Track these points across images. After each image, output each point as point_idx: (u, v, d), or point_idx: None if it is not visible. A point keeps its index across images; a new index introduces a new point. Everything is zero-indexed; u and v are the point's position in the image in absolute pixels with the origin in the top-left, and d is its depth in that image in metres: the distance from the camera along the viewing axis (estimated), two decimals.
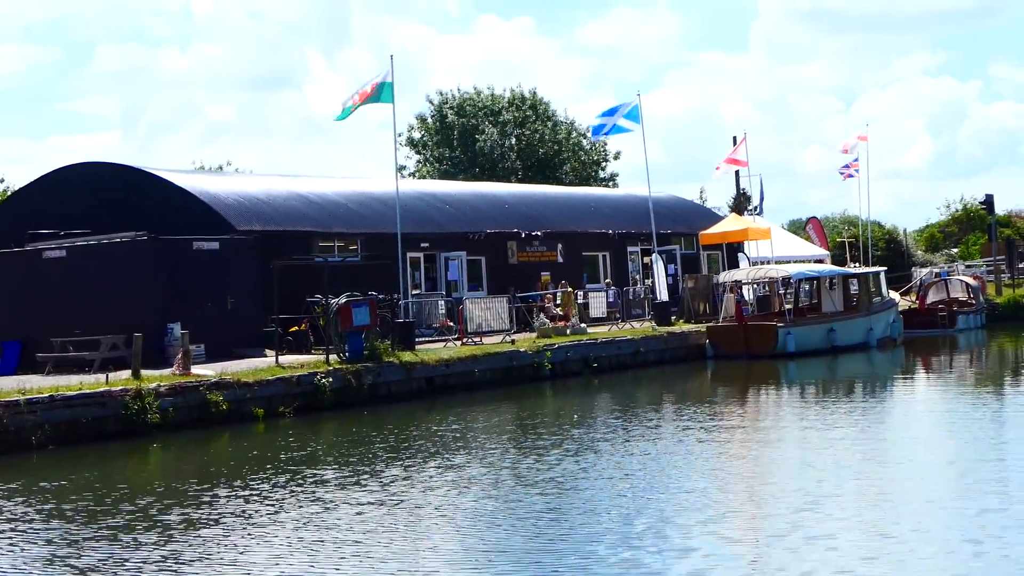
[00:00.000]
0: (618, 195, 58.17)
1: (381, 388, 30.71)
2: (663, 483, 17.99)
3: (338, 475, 19.90)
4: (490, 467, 20.04)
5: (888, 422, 24.93)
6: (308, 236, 37.82)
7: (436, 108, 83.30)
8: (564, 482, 18.32)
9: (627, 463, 19.88)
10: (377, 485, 18.64)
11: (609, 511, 16.04)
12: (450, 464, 20.61)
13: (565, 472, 19.12)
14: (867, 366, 38.96)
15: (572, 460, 20.34)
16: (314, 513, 16.66)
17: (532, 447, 22.25)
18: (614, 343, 37.89)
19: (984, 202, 62.76)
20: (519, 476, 18.97)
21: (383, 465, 20.68)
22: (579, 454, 21.02)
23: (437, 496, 17.57)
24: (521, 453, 21.51)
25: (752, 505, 16.47)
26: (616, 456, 20.69)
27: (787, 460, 20.18)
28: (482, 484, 18.42)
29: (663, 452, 21.14)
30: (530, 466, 19.88)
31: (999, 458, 19.39)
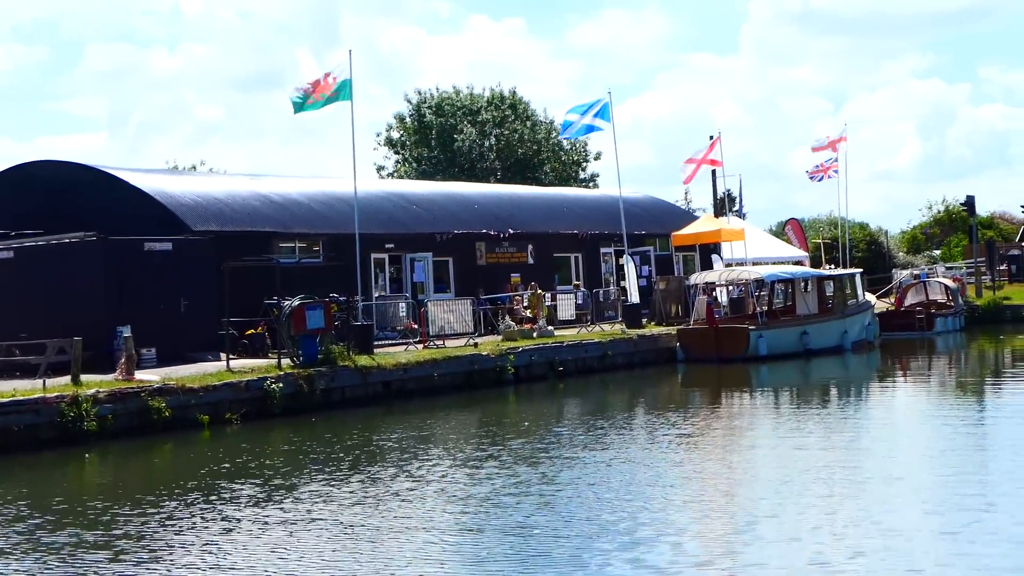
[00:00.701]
0: (592, 195, 57.27)
1: (335, 393, 29.77)
2: (621, 497, 17.06)
3: (255, 490, 18.77)
4: (418, 481, 18.99)
5: (860, 430, 23.96)
6: (267, 237, 36.88)
7: (414, 108, 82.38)
8: (487, 499, 17.31)
9: (565, 478, 18.93)
10: (292, 502, 17.64)
11: (548, 533, 15.15)
12: (375, 478, 19.52)
13: (491, 488, 18.06)
14: (840, 370, 38.13)
15: (505, 474, 19.35)
16: (214, 535, 15.61)
17: (470, 457, 21.36)
18: (581, 346, 36.95)
19: (965, 204, 61.88)
20: (442, 491, 18.00)
21: (307, 479, 19.70)
22: (513, 466, 20.02)
23: (349, 514, 16.53)
24: (456, 465, 20.55)
25: (718, 521, 15.61)
26: (559, 470, 19.73)
27: (757, 470, 19.32)
28: (402, 500, 17.47)
29: (619, 463, 20.17)
30: (459, 479, 18.92)
31: (979, 465, 18.58)
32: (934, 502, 15.92)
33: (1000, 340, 47.08)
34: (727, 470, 19.46)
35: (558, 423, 26.63)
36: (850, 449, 21.09)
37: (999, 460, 19.46)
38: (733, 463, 20.16)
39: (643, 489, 17.55)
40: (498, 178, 77.56)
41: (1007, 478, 17.36)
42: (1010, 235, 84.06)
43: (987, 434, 23.00)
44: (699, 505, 16.44)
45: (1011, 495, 16.12)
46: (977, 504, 15.57)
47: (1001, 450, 20.51)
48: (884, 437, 22.75)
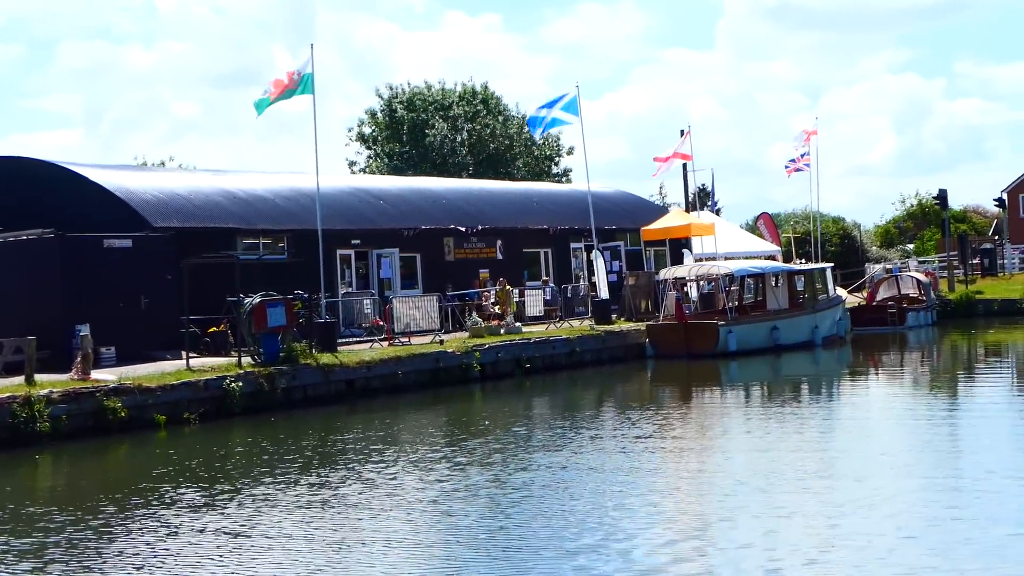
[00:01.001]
0: (562, 190, 56.89)
1: (296, 392, 29.31)
2: (576, 501, 16.69)
3: (199, 495, 18.23)
4: (365, 485, 18.42)
5: (829, 429, 23.60)
6: (230, 233, 36.36)
7: (385, 103, 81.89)
8: (434, 503, 16.88)
9: (517, 481, 18.55)
10: (235, 507, 17.12)
11: (497, 541, 14.76)
12: (323, 481, 18.90)
13: (439, 492, 17.56)
14: (811, 365, 37.85)
15: (456, 477, 18.91)
16: (145, 544, 15.09)
17: (423, 459, 20.88)
18: (548, 343, 36.54)
19: (938, 197, 61.66)
20: (389, 496, 17.42)
21: (254, 483, 19.19)
22: (465, 469, 19.54)
23: (290, 522, 15.98)
24: (407, 468, 20.01)
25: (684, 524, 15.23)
26: (511, 473, 19.34)
27: (719, 475, 18.93)
28: (346, 506, 16.99)
29: (574, 465, 19.78)
30: (407, 484, 18.36)
31: (948, 464, 18.27)
32: (903, 504, 15.59)
33: (972, 335, 46.87)
34: (688, 473, 19.06)
35: (518, 423, 26.19)
36: (820, 450, 20.73)
37: (968, 458, 19.16)
38: (695, 466, 19.74)
39: (599, 494, 17.15)
40: (470, 173, 77.13)
41: (977, 478, 17.04)
42: (983, 229, 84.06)
43: (956, 431, 22.68)
44: (654, 509, 16.06)
45: (982, 497, 15.79)
46: (945, 505, 15.28)
47: (970, 449, 20.21)
48: (854, 437, 22.37)
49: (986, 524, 14.12)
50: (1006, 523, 14.16)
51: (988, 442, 20.38)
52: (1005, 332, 48.48)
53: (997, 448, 19.71)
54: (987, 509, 14.93)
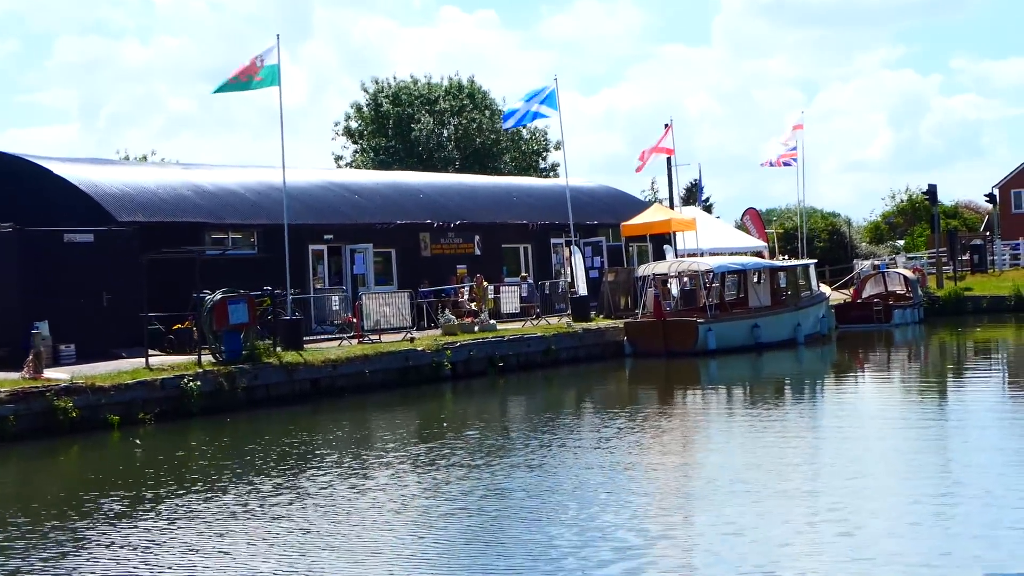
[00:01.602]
0: (543, 184, 56.04)
1: (259, 391, 28.48)
2: (526, 510, 15.91)
3: (120, 505, 17.26)
4: (296, 495, 17.40)
5: (810, 432, 22.73)
6: (198, 227, 35.54)
7: (371, 97, 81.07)
8: (364, 514, 16.08)
9: (455, 490, 17.77)
10: (152, 518, 16.15)
11: (466, 550, 13.97)
12: (255, 489, 17.90)
13: (370, 502, 16.66)
14: (793, 364, 37.05)
15: (393, 485, 18.11)
16: (41, 561, 14.19)
17: (364, 465, 19.98)
18: (523, 340, 35.69)
19: (927, 193, 60.81)
20: (319, 507, 16.45)
21: (183, 489, 18.26)
22: (405, 475, 18.77)
23: (206, 536, 15.08)
24: (343, 475, 19.07)
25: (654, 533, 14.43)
26: (452, 479, 18.57)
27: (683, 482, 18.14)
28: (272, 518, 16.15)
29: (522, 470, 18.98)
30: (341, 494, 17.39)
31: (926, 464, 17.48)
32: (889, 503, 14.86)
33: (958, 332, 46.11)
34: (651, 481, 18.27)
35: (482, 424, 25.35)
36: (802, 457, 19.90)
37: (952, 463, 18.36)
38: (662, 473, 18.95)
39: (556, 503, 16.36)
40: (456, 168, 76.39)
41: (956, 480, 16.28)
42: (975, 225, 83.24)
43: (939, 434, 21.85)
44: (624, 524, 15.27)
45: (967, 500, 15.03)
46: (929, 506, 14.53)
47: (953, 452, 19.42)
48: (837, 440, 21.42)
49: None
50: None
51: (972, 447, 19.63)
52: (993, 330, 47.76)
53: (983, 454, 18.93)
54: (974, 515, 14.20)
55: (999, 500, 14.94)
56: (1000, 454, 18.51)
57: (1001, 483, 15.94)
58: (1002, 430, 21.52)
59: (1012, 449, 19.03)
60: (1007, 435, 20.85)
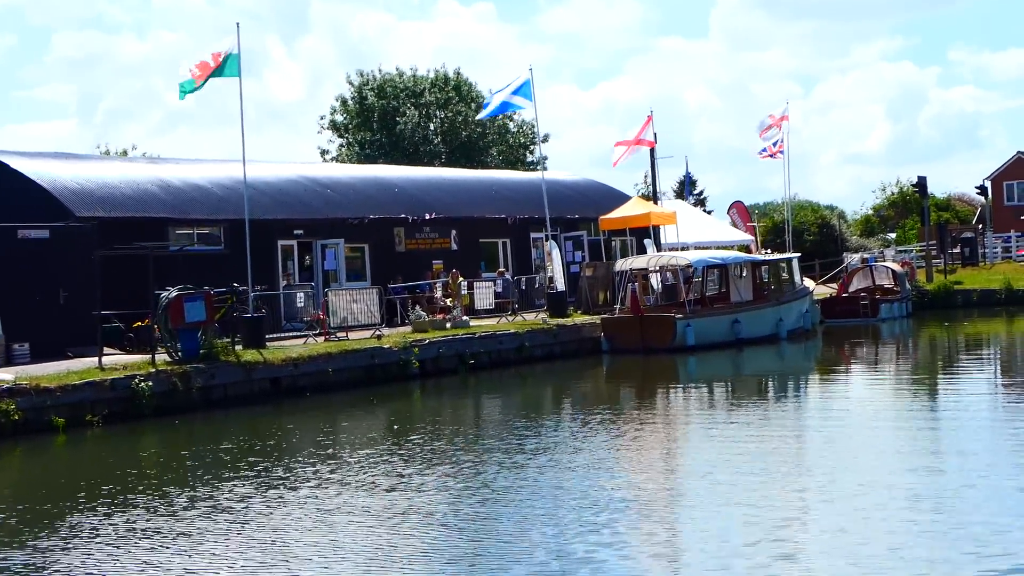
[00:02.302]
0: (524, 178, 54.92)
1: (216, 391, 27.55)
2: (470, 524, 14.99)
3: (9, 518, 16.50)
4: (210, 508, 16.37)
5: (790, 433, 21.69)
6: (161, 223, 34.66)
7: (356, 90, 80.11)
8: (278, 530, 15.21)
9: (376, 504, 16.84)
10: (45, 535, 15.21)
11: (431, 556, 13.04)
12: (171, 502, 16.80)
13: (282, 517, 15.71)
14: (774, 361, 36.13)
15: (312, 498, 17.14)
16: None
17: (297, 476, 18.95)
18: (495, 337, 34.73)
19: (917, 185, 59.83)
20: (233, 522, 15.47)
21: (92, 501, 17.32)
22: (337, 487, 17.82)
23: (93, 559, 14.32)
24: (269, 484, 18.07)
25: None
26: (381, 488, 17.65)
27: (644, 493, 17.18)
28: (179, 535, 15.31)
29: (463, 479, 18.06)
30: (254, 508, 16.25)
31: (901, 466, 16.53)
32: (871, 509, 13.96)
33: (945, 327, 45.19)
34: (613, 491, 17.30)
35: (437, 426, 24.41)
36: (778, 460, 18.94)
37: (933, 462, 17.41)
38: (619, 483, 18.00)
39: (501, 517, 15.45)
40: (442, 161, 75.48)
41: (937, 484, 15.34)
42: (968, 217, 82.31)
43: (919, 432, 20.87)
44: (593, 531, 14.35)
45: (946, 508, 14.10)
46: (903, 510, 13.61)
47: (934, 453, 18.46)
48: (818, 441, 20.42)
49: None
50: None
51: (959, 449, 18.70)
52: (983, 324, 46.89)
53: (965, 452, 18.00)
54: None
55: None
56: (984, 456, 17.57)
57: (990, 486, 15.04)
58: (978, 431, 20.55)
59: (993, 450, 18.09)
60: (985, 436, 19.89)
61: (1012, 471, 16.12)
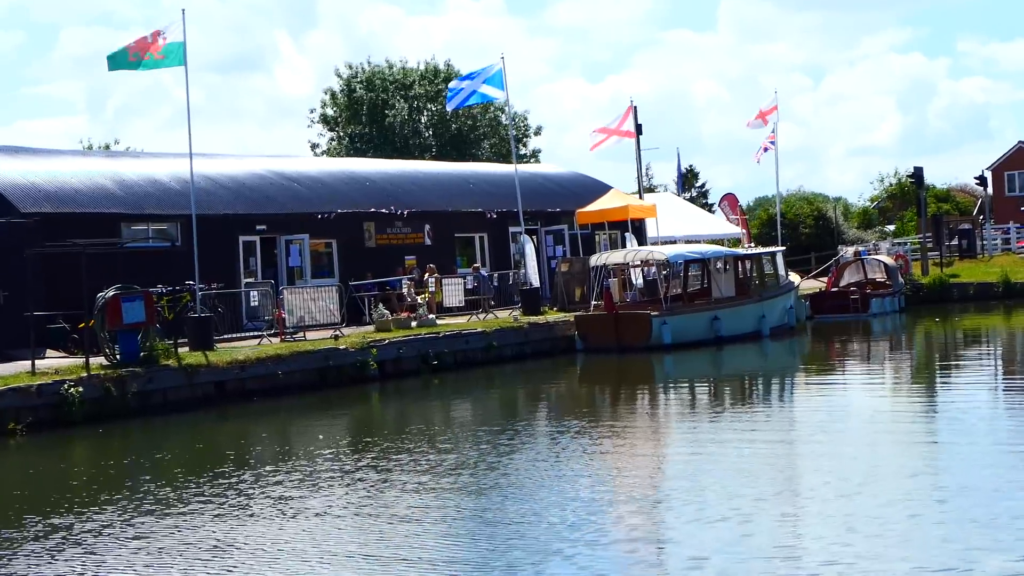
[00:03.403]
0: (504, 171, 53.27)
1: (155, 396, 26.12)
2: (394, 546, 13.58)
3: None
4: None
5: (768, 442, 20.26)
6: (113, 219, 33.31)
7: (345, 82, 78.71)
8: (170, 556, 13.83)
9: (285, 532, 15.42)
10: None
11: None
12: (50, 523, 15.74)
13: (176, 540, 14.43)
14: (755, 359, 34.56)
15: (207, 520, 15.81)
16: None
17: (200, 492, 17.59)
18: (460, 336, 33.24)
19: (913, 175, 58.22)
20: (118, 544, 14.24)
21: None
22: (246, 502, 16.48)
23: None
24: (163, 501, 16.79)
25: None
26: (288, 503, 16.24)
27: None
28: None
29: (376, 496, 16.64)
30: (142, 524, 15.06)
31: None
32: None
33: (937, 322, 43.63)
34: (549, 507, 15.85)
35: (373, 432, 23.01)
36: (751, 466, 17.49)
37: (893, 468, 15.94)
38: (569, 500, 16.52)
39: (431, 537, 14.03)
40: (433, 155, 74.11)
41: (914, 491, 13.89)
42: (968, 208, 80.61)
43: (895, 437, 19.39)
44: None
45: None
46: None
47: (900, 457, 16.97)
48: (799, 448, 18.95)
49: None
50: None
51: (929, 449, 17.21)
52: (979, 318, 45.46)
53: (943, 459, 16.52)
54: None
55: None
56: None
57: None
58: (954, 435, 19.08)
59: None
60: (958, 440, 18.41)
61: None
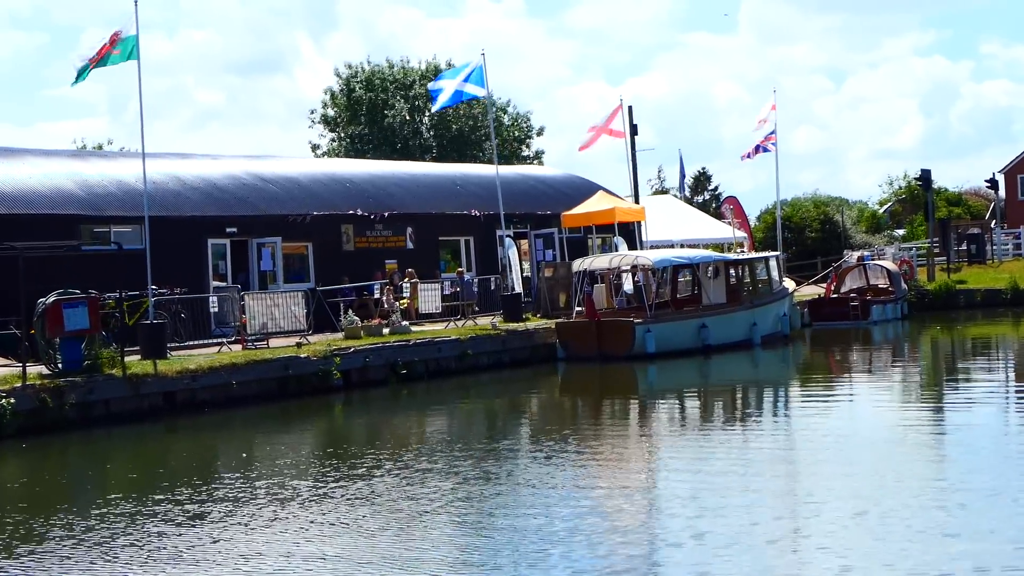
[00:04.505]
0: (493, 173, 51.89)
1: (96, 408, 24.70)
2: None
3: None
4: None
5: (758, 450, 18.86)
6: (71, 221, 32.00)
7: (344, 82, 77.39)
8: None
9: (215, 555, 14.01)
10: None
11: None
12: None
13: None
14: (743, 369, 33.04)
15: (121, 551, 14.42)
16: None
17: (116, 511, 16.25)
18: (432, 345, 31.76)
19: (920, 178, 56.54)
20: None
21: None
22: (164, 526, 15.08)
23: None
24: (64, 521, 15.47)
25: None
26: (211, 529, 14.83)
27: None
28: None
29: (316, 523, 15.22)
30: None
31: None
32: None
33: (939, 329, 42.01)
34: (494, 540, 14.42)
35: (328, 445, 21.62)
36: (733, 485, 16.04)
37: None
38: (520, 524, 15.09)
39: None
40: (434, 156, 72.70)
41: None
42: (980, 212, 78.77)
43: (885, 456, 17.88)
44: None
45: None
46: None
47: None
48: (788, 465, 17.47)
49: None
50: None
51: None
52: (985, 326, 43.83)
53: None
54: None
55: None
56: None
57: None
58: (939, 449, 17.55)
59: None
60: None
61: None
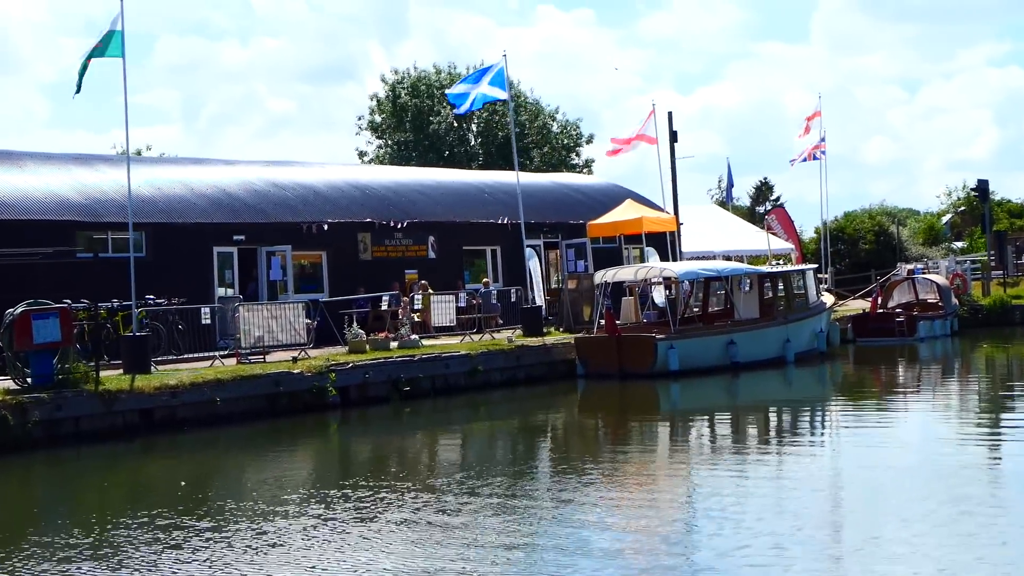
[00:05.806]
0: (527, 180, 50.18)
1: (64, 425, 23.30)
2: None
3: None
4: None
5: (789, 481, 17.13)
6: (67, 227, 30.79)
7: (390, 88, 76.08)
8: None
9: None
10: None
11: None
12: None
13: None
14: (774, 389, 31.04)
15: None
16: None
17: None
18: (439, 360, 30.02)
19: (977, 189, 54.19)
20: None
21: None
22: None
23: None
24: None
25: None
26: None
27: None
28: None
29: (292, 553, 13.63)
30: None
31: None
32: None
33: (988, 347, 39.75)
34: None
35: (310, 470, 20.04)
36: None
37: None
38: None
39: None
40: (480, 164, 71.17)
41: None
42: None
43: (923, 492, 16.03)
44: None
45: None
46: None
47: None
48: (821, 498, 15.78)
49: None
50: None
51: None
52: None
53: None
54: None
55: None
56: None
57: None
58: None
59: None
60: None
61: None
